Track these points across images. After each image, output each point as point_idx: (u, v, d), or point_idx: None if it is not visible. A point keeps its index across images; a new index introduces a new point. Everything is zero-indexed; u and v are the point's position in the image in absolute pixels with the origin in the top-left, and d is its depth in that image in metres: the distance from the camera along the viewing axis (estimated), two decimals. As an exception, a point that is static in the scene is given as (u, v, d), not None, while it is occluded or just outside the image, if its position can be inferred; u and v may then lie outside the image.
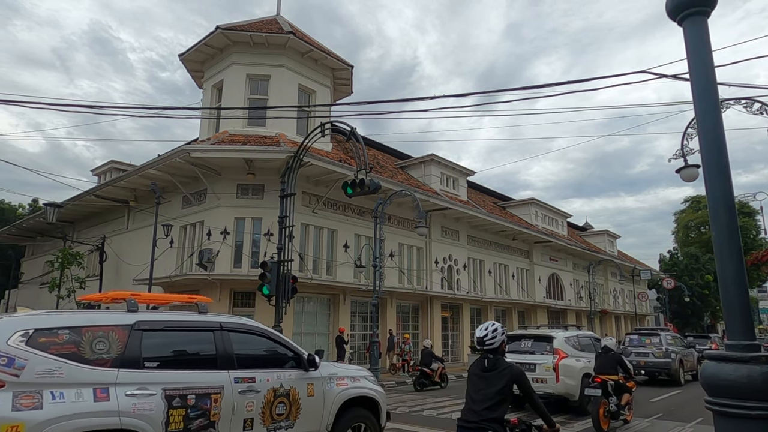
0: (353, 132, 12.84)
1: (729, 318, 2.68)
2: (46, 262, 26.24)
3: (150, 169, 17.34)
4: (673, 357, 15.91)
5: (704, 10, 2.92)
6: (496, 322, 3.64)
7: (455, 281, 24.45)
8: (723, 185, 2.76)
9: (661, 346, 16.20)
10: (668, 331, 17.82)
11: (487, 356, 3.56)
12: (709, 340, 24.27)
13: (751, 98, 9.98)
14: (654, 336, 16.82)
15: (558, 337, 10.85)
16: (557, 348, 10.50)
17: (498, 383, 3.42)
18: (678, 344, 17.13)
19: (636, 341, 17.12)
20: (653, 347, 16.31)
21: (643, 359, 16.30)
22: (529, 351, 10.88)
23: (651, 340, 16.66)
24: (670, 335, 17.29)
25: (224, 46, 18.66)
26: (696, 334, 26.22)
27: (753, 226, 52.69)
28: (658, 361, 16.02)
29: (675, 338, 17.47)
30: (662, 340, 16.37)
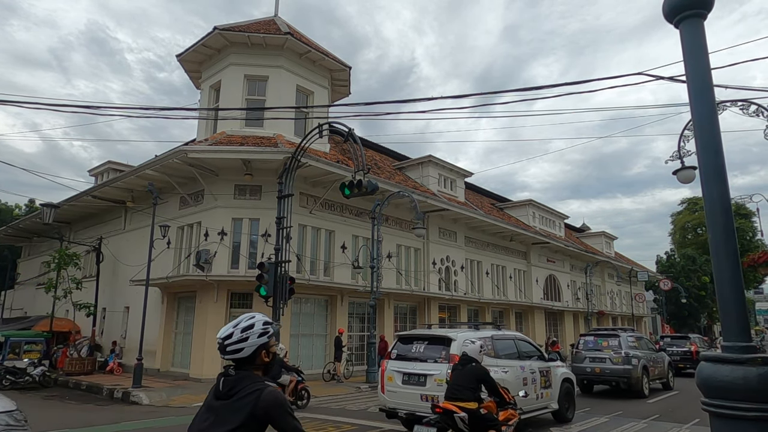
0: (351, 133, 12.85)
1: (725, 319, 2.69)
2: (42, 263, 26.17)
3: (147, 169, 17.31)
4: (635, 363, 13.45)
5: (701, 12, 2.94)
6: (260, 314, 2.23)
7: (453, 282, 24.46)
8: (719, 187, 2.77)
9: (620, 350, 13.74)
10: (632, 332, 15.43)
11: (227, 374, 2.11)
12: (687, 341, 21.12)
13: (747, 100, 10.02)
14: (612, 338, 14.35)
15: (458, 339, 7.97)
16: (455, 354, 7.54)
17: (230, 420, 1.99)
18: (644, 347, 15.01)
19: (591, 344, 14.63)
20: (611, 351, 13.89)
21: (598, 366, 13.86)
22: (420, 358, 8.16)
23: (609, 343, 14.21)
24: (634, 336, 14.82)
25: (222, 47, 18.64)
26: (673, 335, 23.47)
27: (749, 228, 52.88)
28: (615, 368, 13.53)
29: (640, 340, 15.14)
30: (622, 343, 13.97)
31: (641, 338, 15.38)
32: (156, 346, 17.58)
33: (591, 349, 14.41)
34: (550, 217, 34.96)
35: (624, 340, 14.08)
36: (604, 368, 13.80)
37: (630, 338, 14.39)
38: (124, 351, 19.20)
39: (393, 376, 8.28)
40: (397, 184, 20.02)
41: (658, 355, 15.62)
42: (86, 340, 19.86)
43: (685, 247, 56.53)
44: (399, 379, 8.19)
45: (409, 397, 7.92)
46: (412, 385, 8.00)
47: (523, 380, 8.55)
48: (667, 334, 23.54)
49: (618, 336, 14.28)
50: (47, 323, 19.52)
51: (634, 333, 15.25)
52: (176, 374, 16.86)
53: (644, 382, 13.70)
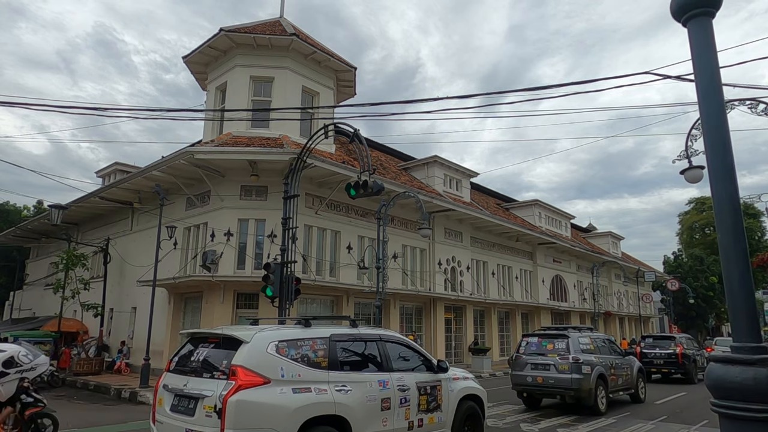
0: (356, 134, 12.86)
1: (735, 320, 2.67)
2: (50, 264, 26.38)
3: (154, 171, 17.39)
4: (586, 371, 10.75)
5: (709, 11, 2.92)
6: None
7: (458, 283, 24.42)
8: (728, 187, 2.75)
9: (567, 355, 10.94)
10: (590, 331, 12.69)
11: None
12: (672, 342, 18.34)
13: (755, 99, 9.94)
14: (559, 339, 11.47)
15: (253, 341, 5.18)
16: (240, 366, 4.93)
17: None
18: (605, 350, 12.13)
19: (534, 347, 11.78)
20: (556, 356, 11.14)
21: (540, 374, 11.14)
22: (198, 370, 5.33)
23: (555, 345, 11.37)
24: (589, 337, 11.98)
25: (228, 48, 18.71)
26: (657, 334, 20.98)
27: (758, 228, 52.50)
28: (561, 377, 10.83)
29: (598, 341, 12.16)
30: (570, 346, 11.10)
31: (601, 339, 12.44)
32: (163, 346, 17.66)
33: (533, 353, 11.64)
34: (556, 217, 34.83)
35: (574, 343, 11.19)
36: (547, 377, 11.02)
37: (583, 339, 11.59)
38: (131, 351, 19.30)
39: (163, 398, 5.45)
40: (402, 185, 20.02)
41: (625, 361, 12.58)
42: (94, 341, 20.00)
43: (693, 247, 56.17)
44: (168, 404, 5.33)
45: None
46: (179, 413, 5.15)
47: (383, 403, 5.84)
48: (649, 334, 20.73)
49: (566, 337, 11.34)
50: (55, 323, 19.67)
51: (592, 333, 12.53)
52: (183, 374, 16.90)
53: (599, 395, 10.91)
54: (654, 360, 18.30)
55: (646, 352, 18.56)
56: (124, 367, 18.25)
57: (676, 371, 17.90)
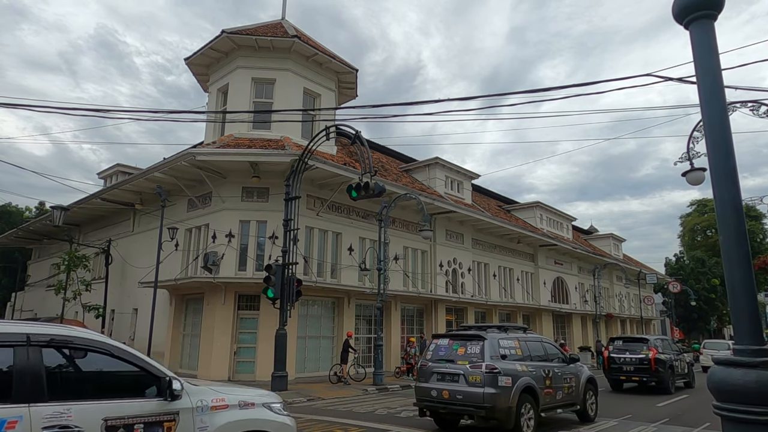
0: (358, 135, 12.88)
1: (737, 323, 2.66)
2: (52, 265, 26.41)
3: (155, 172, 17.43)
4: (504, 384, 8.09)
5: (711, 13, 2.92)
6: None
7: (460, 285, 24.41)
8: (731, 189, 2.75)
9: (480, 362, 8.27)
10: (520, 332, 9.98)
11: None
12: (645, 345, 15.82)
13: (757, 101, 9.94)
14: (474, 341, 8.73)
15: None
16: None
17: None
18: (538, 356, 9.40)
19: (443, 352, 9.02)
20: (467, 363, 8.42)
21: (447, 387, 8.44)
22: None
23: (467, 350, 8.67)
24: (516, 340, 9.24)
25: (230, 50, 18.75)
26: (627, 336, 18.40)
27: (759, 230, 52.47)
28: (470, 391, 8.14)
29: (531, 345, 9.52)
30: (486, 350, 8.41)
31: (535, 342, 9.83)
32: (164, 347, 17.67)
33: (441, 359, 8.91)
34: (557, 219, 34.81)
35: (491, 346, 8.51)
36: (454, 391, 8.33)
37: (506, 342, 8.93)
38: (132, 352, 19.30)
39: None
40: (403, 186, 20.03)
41: (567, 370, 9.85)
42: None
43: (695, 250, 56.14)
44: None
45: None
46: None
47: None
48: (619, 336, 18.02)
49: (481, 339, 8.66)
50: (58, 323, 19.67)
51: (525, 334, 10.00)
52: (184, 375, 16.75)
53: (524, 416, 8.31)
54: (623, 366, 15.84)
55: (614, 357, 16.12)
56: (125, 369, 18.24)
57: (648, 379, 15.37)
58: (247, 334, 16.35)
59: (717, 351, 23.71)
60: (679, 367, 16.49)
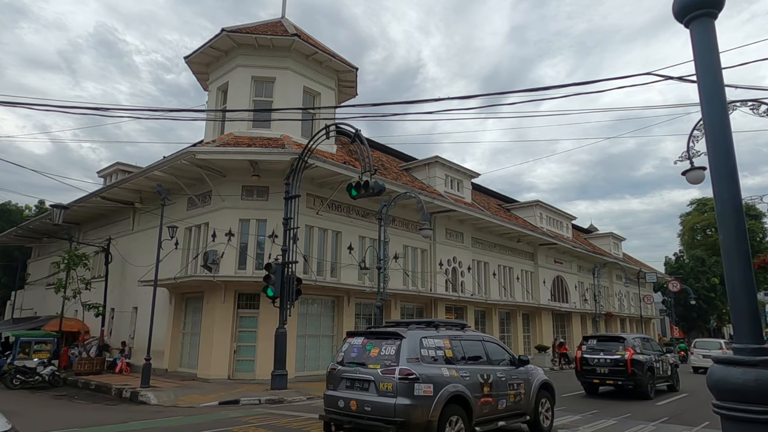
0: (358, 134, 12.88)
1: (737, 322, 2.66)
2: (52, 264, 26.42)
3: (155, 171, 17.42)
4: (422, 393, 6.75)
5: (711, 12, 2.92)
6: None
7: (459, 283, 24.41)
8: (731, 188, 2.75)
9: (394, 366, 6.90)
10: (457, 330, 8.41)
11: None
12: (621, 344, 14.44)
13: (757, 100, 9.93)
14: (390, 341, 7.31)
15: None
16: None
17: None
18: (474, 358, 7.96)
19: (356, 353, 7.56)
20: (380, 367, 7.05)
21: (356, 397, 7.08)
22: None
23: (381, 351, 7.25)
24: (447, 338, 7.78)
25: (229, 49, 18.74)
26: (602, 335, 16.49)
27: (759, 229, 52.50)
28: (380, 402, 6.78)
29: (466, 345, 8.02)
30: (403, 352, 7.02)
31: (473, 341, 8.28)
32: (164, 346, 17.68)
33: (352, 362, 7.48)
34: (557, 218, 34.82)
35: (409, 346, 7.11)
36: (363, 401, 6.97)
37: (432, 341, 7.47)
38: (132, 351, 19.32)
39: None
40: (403, 185, 20.02)
41: (514, 374, 8.47)
42: (95, 340, 20.02)
43: (694, 249, 56.16)
44: None
45: None
46: None
47: None
48: (593, 335, 16.22)
49: (399, 338, 7.24)
50: (57, 323, 19.70)
51: (453, 331, 8.20)
52: (184, 374, 16.95)
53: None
54: (597, 368, 14.35)
55: (587, 358, 14.66)
56: (125, 367, 18.27)
57: (624, 382, 13.90)
58: (247, 332, 16.36)
59: (708, 351, 23.14)
60: (661, 368, 15.02)
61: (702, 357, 23.44)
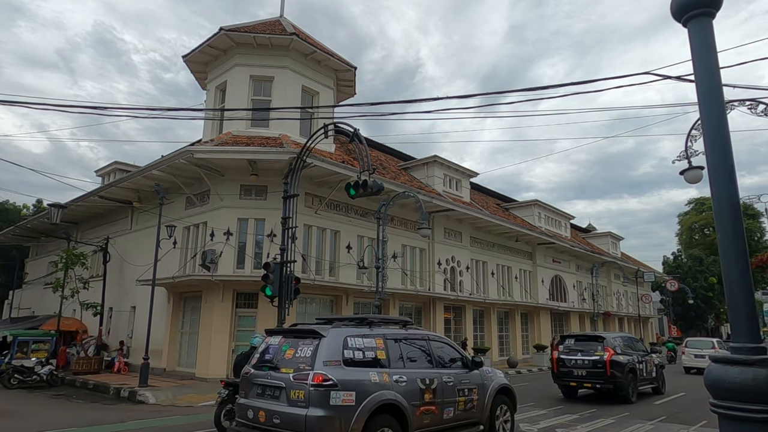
0: (356, 133, 12.86)
1: (734, 321, 2.67)
2: (50, 263, 26.37)
3: (153, 170, 17.39)
4: (341, 402, 5.83)
5: (709, 11, 2.91)
6: None
7: (458, 283, 24.42)
8: (728, 187, 2.75)
9: (308, 371, 5.97)
10: (398, 327, 7.49)
11: None
12: (600, 345, 13.35)
13: (755, 100, 9.95)
14: (308, 340, 6.37)
15: None
16: None
17: None
18: (415, 360, 7.04)
19: (271, 355, 6.66)
20: (292, 372, 6.13)
21: (265, 407, 6.14)
22: None
23: (298, 351, 6.30)
24: (381, 338, 6.82)
25: (228, 48, 18.71)
26: (580, 334, 15.11)
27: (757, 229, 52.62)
28: (290, 413, 5.85)
29: (399, 343, 6.98)
30: (318, 354, 6.08)
31: (414, 341, 7.27)
32: (162, 345, 17.66)
33: (266, 364, 6.52)
34: (555, 217, 34.84)
35: (328, 347, 6.15)
36: (272, 412, 6.00)
37: (358, 340, 6.49)
38: (130, 350, 19.30)
39: None
40: (402, 185, 20.01)
41: (468, 378, 7.56)
42: (93, 340, 19.99)
43: (692, 248, 56.27)
44: None
45: None
46: None
47: None
48: (570, 334, 14.99)
49: (318, 337, 6.26)
50: (55, 323, 19.66)
51: (391, 329, 7.21)
52: (182, 374, 16.93)
53: None
54: (574, 370, 13.33)
55: (564, 359, 13.65)
56: (123, 367, 18.25)
57: (603, 385, 12.89)
58: (246, 332, 16.34)
59: (701, 350, 22.49)
60: (644, 370, 13.97)
61: (694, 357, 22.74)
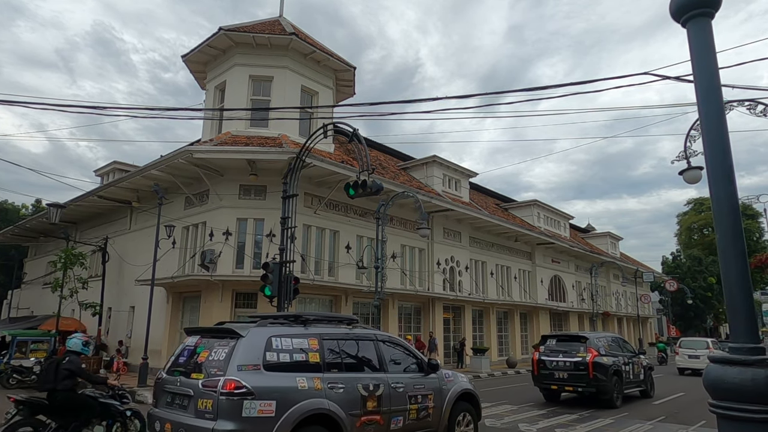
0: (355, 133, 12.84)
1: (733, 321, 2.67)
2: (48, 263, 26.33)
3: (153, 170, 17.38)
4: (259, 414, 4.93)
5: (708, 11, 2.91)
6: None
7: (457, 283, 24.42)
8: (727, 187, 2.75)
9: (219, 376, 5.03)
10: (314, 325, 6.19)
11: None
12: (582, 345, 12.37)
13: (754, 100, 9.94)
14: (222, 342, 5.47)
15: None
16: None
17: None
18: (350, 364, 6.12)
19: (184, 358, 5.82)
20: (202, 378, 5.22)
21: (171, 418, 5.28)
22: None
23: (212, 353, 5.39)
24: (316, 338, 5.91)
25: (227, 48, 18.70)
26: (562, 334, 14.33)
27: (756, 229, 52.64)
28: (196, 426, 4.98)
29: (338, 343, 6.14)
30: (233, 356, 5.15)
31: (357, 341, 6.43)
32: (161, 345, 17.64)
33: (178, 368, 5.73)
34: (555, 217, 34.86)
35: (247, 348, 5.30)
36: (177, 424, 5.20)
37: (285, 341, 5.62)
38: (129, 350, 19.28)
39: None
40: (401, 185, 20.01)
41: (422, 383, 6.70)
42: (92, 340, 19.97)
43: (691, 248, 56.30)
44: None
45: None
46: None
47: None
48: (552, 334, 14.20)
49: (236, 337, 5.41)
50: (53, 322, 19.63)
51: (330, 328, 6.33)
52: (181, 374, 16.89)
53: None
54: (555, 372, 12.39)
55: (545, 361, 12.68)
56: (122, 367, 18.22)
57: (585, 388, 11.97)
58: (245, 332, 16.33)
59: (695, 350, 21.67)
60: (631, 372, 13.13)
61: (688, 357, 21.91)
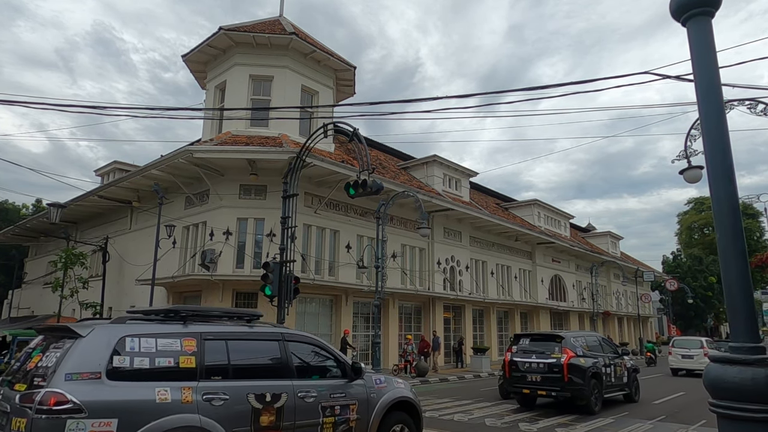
0: (356, 133, 12.84)
1: (733, 320, 2.67)
2: (49, 263, 26.34)
3: (153, 169, 17.38)
4: None
5: (709, 10, 2.91)
6: None
7: (457, 282, 24.42)
8: (727, 187, 2.75)
9: (40, 389, 3.79)
10: (182, 324, 4.71)
11: None
12: (557, 346, 11.37)
13: (754, 99, 9.94)
14: (60, 344, 4.16)
15: None
16: None
17: None
18: (241, 368, 4.81)
19: (23, 358, 4.54)
20: (21, 391, 3.95)
21: None
22: None
23: (41, 361, 4.15)
24: (174, 336, 4.47)
25: (227, 47, 18.69)
26: (536, 333, 13.27)
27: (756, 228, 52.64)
28: None
29: (227, 343, 4.77)
30: (66, 360, 3.89)
31: (252, 341, 5.13)
32: (162, 345, 17.64)
33: (9, 377, 4.50)
34: (555, 216, 34.84)
35: (85, 350, 4.00)
36: None
37: (149, 342, 4.33)
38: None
39: None
40: (401, 184, 20.01)
41: (344, 391, 5.57)
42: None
43: (692, 248, 56.32)
44: None
45: None
46: None
47: None
48: (526, 333, 13.04)
49: (75, 337, 4.13)
50: (54, 322, 19.64)
51: (221, 327, 4.97)
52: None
53: None
54: (528, 374, 11.44)
55: (517, 362, 11.74)
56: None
57: (559, 393, 10.96)
58: (245, 331, 16.33)
59: (688, 350, 20.93)
60: (613, 375, 12.11)
61: (681, 357, 21.12)
